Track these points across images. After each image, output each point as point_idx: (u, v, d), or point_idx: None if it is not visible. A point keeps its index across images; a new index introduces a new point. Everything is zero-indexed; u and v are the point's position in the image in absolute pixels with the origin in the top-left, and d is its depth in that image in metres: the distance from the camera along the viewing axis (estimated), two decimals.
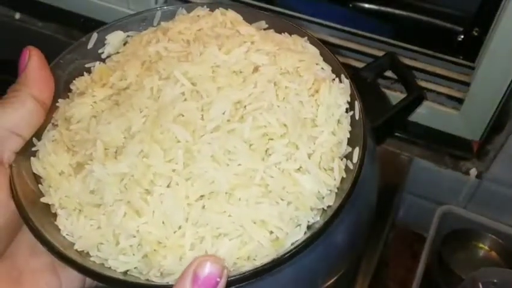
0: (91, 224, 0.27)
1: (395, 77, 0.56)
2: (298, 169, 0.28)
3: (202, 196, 0.26)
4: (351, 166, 0.29)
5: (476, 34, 0.58)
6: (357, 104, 0.31)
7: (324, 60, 0.33)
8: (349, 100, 0.31)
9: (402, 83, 0.54)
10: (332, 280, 0.46)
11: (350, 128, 0.31)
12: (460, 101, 0.61)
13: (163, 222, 0.26)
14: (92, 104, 0.31)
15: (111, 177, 0.27)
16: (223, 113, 0.28)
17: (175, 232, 0.26)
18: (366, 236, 0.48)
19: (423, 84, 0.63)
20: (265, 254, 0.26)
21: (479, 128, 0.62)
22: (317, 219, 0.28)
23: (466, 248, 0.66)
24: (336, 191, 0.28)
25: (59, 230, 0.28)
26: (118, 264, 0.26)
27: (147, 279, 0.26)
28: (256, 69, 0.30)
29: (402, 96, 0.53)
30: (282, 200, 0.27)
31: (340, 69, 0.32)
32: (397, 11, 0.61)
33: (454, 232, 0.66)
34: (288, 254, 0.25)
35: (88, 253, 0.27)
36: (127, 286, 0.25)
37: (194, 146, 0.27)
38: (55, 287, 0.28)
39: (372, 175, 0.46)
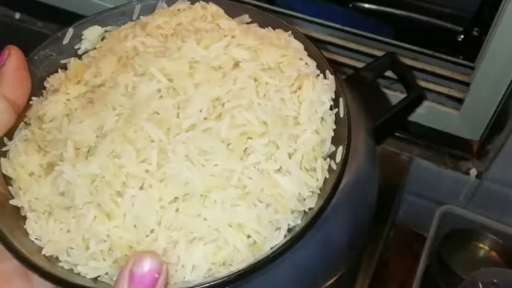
0: (60, 227, 0.26)
1: (395, 77, 0.56)
2: (279, 170, 0.26)
3: (176, 198, 0.25)
4: (334, 166, 0.28)
5: (476, 34, 0.58)
6: (342, 101, 0.29)
7: (309, 55, 0.32)
8: (333, 97, 0.30)
9: (402, 83, 0.54)
10: (332, 280, 0.46)
11: (334, 126, 0.29)
12: (460, 101, 0.61)
13: (134, 226, 0.25)
14: (66, 101, 0.29)
15: (81, 178, 0.26)
16: (200, 111, 0.26)
17: (147, 236, 0.24)
18: (366, 235, 0.48)
19: (423, 84, 0.63)
20: (241, 259, 0.25)
21: (479, 127, 0.62)
22: (298, 222, 0.26)
23: (466, 248, 0.66)
24: (318, 192, 0.27)
25: (28, 234, 0.26)
26: (87, 270, 0.25)
27: None
28: (236, 64, 0.29)
29: (402, 96, 0.53)
30: (260, 202, 0.25)
31: (325, 64, 0.31)
32: (397, 11, 0.61)
33: (454, 232, 0.66)
34: (265, 259, 0.24)
35: (57, 258, 0.26)
36: None
37: (168, 145, 0.26)
38: None
39: (372, 175, 0.46)
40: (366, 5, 0.72)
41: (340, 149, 0.28)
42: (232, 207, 0.25)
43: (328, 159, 0.28)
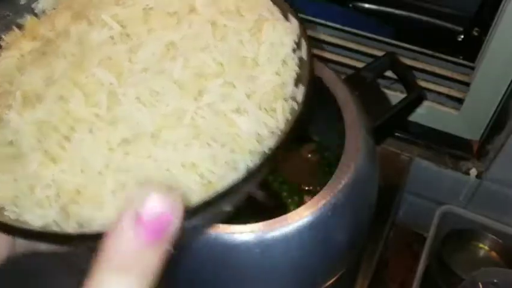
0: (7, 177, 0.24)
1: (395, 77, 0.56)
2: (236, 110, 0.25)
3: (125, 141, 0.24)
4: (296, 108, 0.26)
5: (476, 34, 0.58)
6: (304, 44, 0.28)
7: (273, 2, 0.30)
8: (297, 41, 0.28)
9: (402, 83, 0.54)
10: (332, 280, 0.46)
11: (297, 69, 0.28)
12: (460, 101, 0.61)
13: (81, 171, 0.24)
14: (19, 57, 0.28)
15: (28, 125, 0.25)
16: (153, 55, 0.26)
17: (94, 180, 0.23)
18: (366, 235, 0.48)
19: (423, 84, 0.63)
20: (196, 199, 0.23)
21: (479, 127, 0.62)
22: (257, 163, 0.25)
23: (466, 248, 0.66)
24: (279, 133, 0.25)
25: None
26: (34, 217, 0.24)
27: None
28: (192, 10, 0.28)
29: (402, 96, 0.53)
30: (215, 142, 0.24)
31: (288, 9, 0.29)
32: (397, 11, 0.61)
33: (454, 232, 0.66)
34: (217, 195, 0.22)
35: (3, 208, 0.24)
36: (43, 237, 0.23)
37: (119, 89, 0.25)
38: None
39: (372, 175, 0.46)
40: (366, 5, 0.72)
41: (301, 89, 0.27)
42: (185, 147, 0.24)
43: (290, 101, 0.27)
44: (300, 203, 0.52)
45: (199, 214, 0.22)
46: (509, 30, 0.51)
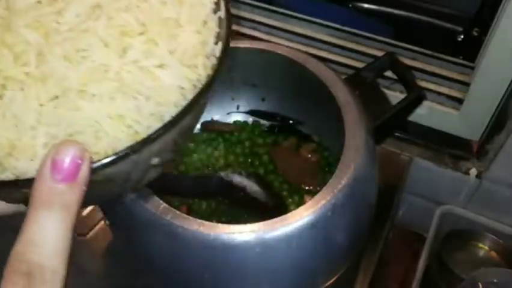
0: None
1: (394, 77, 0.56)
2: (159, 66, 0.27)
3: (55, 96, 0.26)
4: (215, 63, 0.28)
5: (476, 34, 0.58)
6: (222, 4, 0.30)
7: None
8: (216, 1, 0.30)
9: (402, 83, 0.54)
10: (332, 280, 0.46)
11: (217, 29, 0.30)
12: (460, 101, 0.61)
13: (15, 126, 0.25)
14: None
15: None
16: (78, 16, 0.27)
17: (27, 134, 0.25)
18: (366, 235, 0.48)
19: (423, 84, 0.63)
20: (123, 148, 0.25)
21: (479, 127, 0.62)
22: None
23: (465, 248, 0.66)
24: (200, 89, 0.27)
25: None
26: None
27: None
28: None
29: (402, 96, 0.53)
30: (140, 95, 0.26)
31: None
32: (397, 11, 0.61)
33: (454, 232, 0.66)
34: (143, 140, 0.25)
35: None
36: None
37: (46, 48, 0.26)
38: None
39: (372, 175, 0.46)
40: (366, 5, 0.72)
41: (219, 45, 0.29)
42: (111, 100, 0.26)
43: (212, 58, 0.29)
44: (300, 203, 0.52)
45: (125, 160, 0.24)
46: (509, 31, 0.51)
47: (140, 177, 0.29)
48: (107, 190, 0.28)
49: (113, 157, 0.24)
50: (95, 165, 0.24)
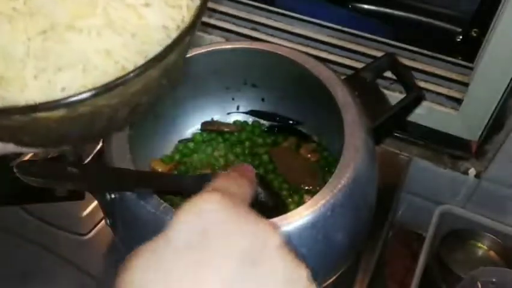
0: None
1: (394, 77, 0.56)
2: (144, 5, 0.28)
3: (43, 30, 0.26)
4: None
5: (474, 35, 0.58)
6: None
7: None
8: None
9: (401, 84, 0.54)
10: (332, 279, 0.46)
11: None
12: (459, 101, 0.61)
13: (3, 58, 0.26)
14: None
15: None
16: None
17: (16, 66, 0.26)
18: (365, 235, 0.48)
19: (422, 84, 0.63)
20: (112, 80, 0.26)
21: (477, 128, 0.62)
22: None
23: (464, 248, 0.66)
24: (184, 27, 0.28)
25: None
26: None
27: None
28: None
29: (402, 96, 0.53)
30: (126, 31, 0.27)
31: None
32: (396, 12, 0.61)
33: (453, 232, 0.66)
34: (127, 73, 0.25)
35: None
36: None
37: None
38: None
39: (372, 175, 0.46)
40: (366, 6, 0.73)
41: None
42: (98, 35, 0.26)
43: (197, 1, 0.29)
44: (300, 202, 0.52)
45: (112, 92, 0.25)
46: (508, 31, 0.51)
47: (126, 115, 0.29)
48: (95, 125, 0.28)
49: (102, 88, 0.24)
50: (84, 95, 0.24)
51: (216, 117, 0.61)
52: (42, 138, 0.29)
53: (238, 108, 0.61)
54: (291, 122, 0.59)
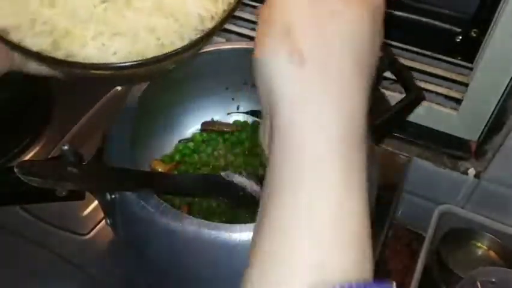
0: (12, 8, 0.31)
1: (394, 77, 0.56)
2: None
3: (105, 1, 0.31)
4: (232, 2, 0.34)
5: (474, 35, 0.58)
6: None
7: None
8: None
9: (401, 84, 0.54)
10: None
11: None
12: (459, 101, 0.62)
13: (71, 17, 0.31)
14: None
15: None
16: None
17: (80, 26, 0.31)
18: None
19: (422, 84, 0.63)
20: (152, 55, 0.31)
21: (477, 128, 0.62)
22: None
23: (464, 247, 0.66)
24: (218, 20, 0.33)
25: None
26: (32, 43, 0.31)
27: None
28: None
29: (401, 96, 0.53)
30: (171, 16, 0.32)
31: None
32: (396, 12, 0.61)
33: (453, 231, 0.66)
34: (165, 55, 0.31)
35: (9, 33, 0.31)
36: (40, 58, 0.31)
37: None
38: None
39: (371, 175, 0.46)
40: None
41: None
42: (148, 15, 0.32)
43: None
44: None
45: (152, 65, 0.31)
46: (508, 31, 0.52)
47: (158, 73, 0.39)
48: (134, 80, 0.40)
49: (143, 61, 0.31)
50: (131, 63, 0.31)
51: (216, 117, 0.61)
52: (91, 78, 0.34)
53: (238, 108, 0.61)
54: None
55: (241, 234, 0.38)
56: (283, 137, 0.22)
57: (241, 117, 0.61)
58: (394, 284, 0.20)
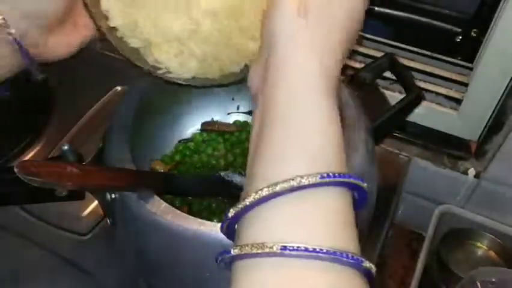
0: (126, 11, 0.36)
1: (393, 77, 0.56)
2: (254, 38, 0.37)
3: (192, 30, 0.36)
4: None
5: (474, 35, 0.58)
6: None
7: None
8: None
9: (401, 84, 0.54)
10: None
11: None
12: (458, 101, 0.62)
13: (163, 36, 0.36)
14: None
15: None
16: None
17: (167, 44, 0.37)
18: (365, 235, 0.48)
19: (421, 84, 0.63)
20: (212, 76, 0.38)
21: (477, 128, 0.62)
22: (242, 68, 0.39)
23: (464, 247, 0.66)
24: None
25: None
26: (132, 42, 0.37)
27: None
28: None
29: (401, 96, 0.53)
30: (251, 39, 0.36)
31: None
32: (396, 12, 0.61)
33: (453, 231, 0.66)
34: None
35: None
36: None
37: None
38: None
39: (371, 175, 0.47)
40: None
41: None
42: (229, 38, 0.36)
43: None
44: None
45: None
46: (507, 31, 0.52)
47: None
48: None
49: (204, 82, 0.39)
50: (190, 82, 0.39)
51: (216, 117, 0.61)
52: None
53: (238, 108, 0.61)
54: None
55: None
56: (277, 70, 0.28)
57: (241, 117, 0.61)
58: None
